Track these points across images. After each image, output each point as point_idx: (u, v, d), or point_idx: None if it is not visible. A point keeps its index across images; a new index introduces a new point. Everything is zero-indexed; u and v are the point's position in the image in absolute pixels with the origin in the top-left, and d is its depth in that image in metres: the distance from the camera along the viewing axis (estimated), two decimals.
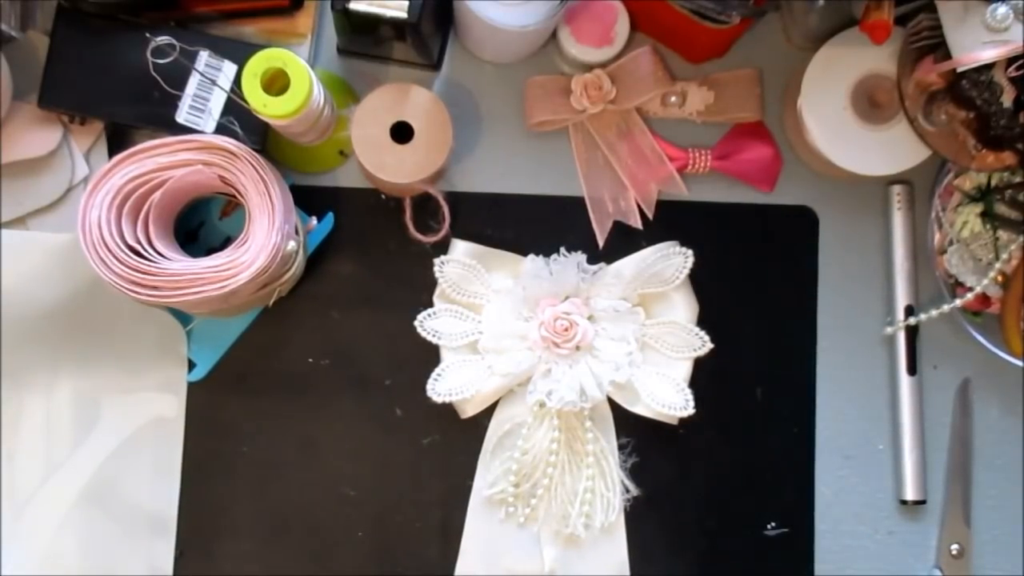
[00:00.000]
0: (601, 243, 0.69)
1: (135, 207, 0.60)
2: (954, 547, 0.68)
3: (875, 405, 0.70)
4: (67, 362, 0.66)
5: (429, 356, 0.67)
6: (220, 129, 0.63)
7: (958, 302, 0.67)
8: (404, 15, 0.59)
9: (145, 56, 0.58)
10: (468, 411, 0.67)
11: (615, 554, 0.67)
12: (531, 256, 0.67)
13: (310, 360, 0.68)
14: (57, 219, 0.66)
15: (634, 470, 0.67)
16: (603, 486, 0.66)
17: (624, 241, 0.69)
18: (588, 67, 0.67)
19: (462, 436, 0.68)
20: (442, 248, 0.67)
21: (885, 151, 0.66)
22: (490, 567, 0.67)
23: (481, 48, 0.68)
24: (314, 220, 0.67)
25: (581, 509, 0.66)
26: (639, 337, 0.67)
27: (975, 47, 0.60)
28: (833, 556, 0.68)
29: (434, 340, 0.66)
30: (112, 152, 0.65)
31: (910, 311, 0.69)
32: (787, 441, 0.69)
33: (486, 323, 0.66)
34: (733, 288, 0.69)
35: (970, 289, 0.67)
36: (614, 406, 0.67)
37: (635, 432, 0.67)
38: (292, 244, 0.61)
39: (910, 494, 0.68)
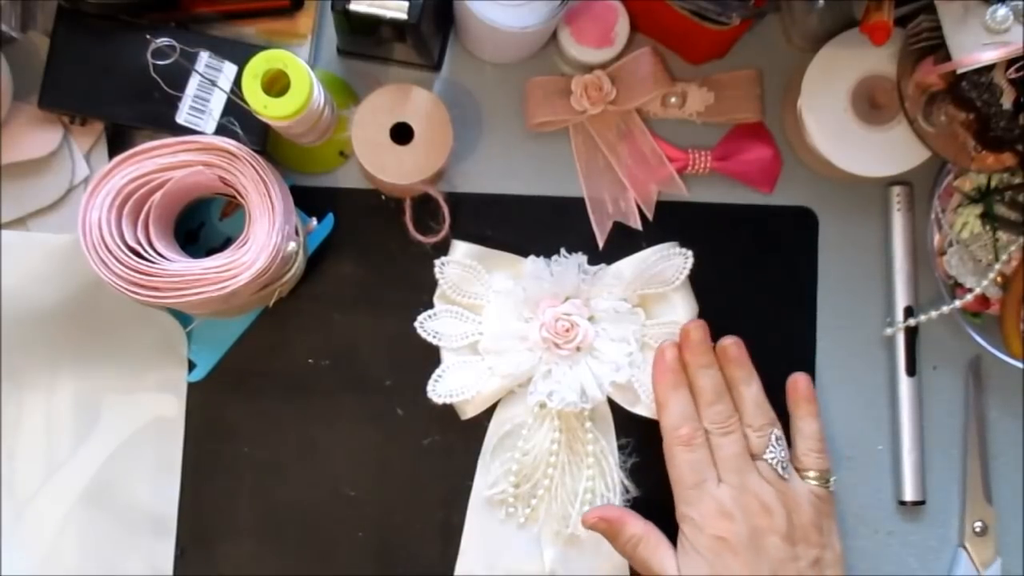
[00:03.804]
0: (601, 244, 0.69)
1: (135, 208, 0.61)
2: (977, 524, 0.69)
3: (875, 405, 0.70)
4: (67, 362, 0.67)
5: (429, 357, 0.67)
6: (220, 130, 0.63)
7: (958, 303, 0.67)
8: (404, 16, 0.59)
9: (145, 57, 0.58)
10: (468, 412, 0.67)
11: (615, 554, 0.67)
12: (532, 257, 0.67)
13: (310, 361, 0.68)
14: (58, 220, 0.66)
15: (634, 470, 0.67)
16: (603, 486, 0.66)
17: (624, 242, 0.69)
18: (588, 68, 0.67)
19: (462, 437, 0.68)
20: (442, 249, 0.67)
21: (885, 152, 0.66)
22: (490, 567, 0.67)
23: (481, 49, 0.68)
24: (314, 221, 0.67)
25: (581, 509, 0.66)
26: (639, 338, 0.67)
27: (975, 48, 0.60)
28: None
29: (434, 341, 0.66)
30: (112, 153, 0.65)
31: (910, 312, 0.69)
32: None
33: (486, 324, 0.66)
34: (733, 289, 0.69)
35: (970, 290, 0.67)
36: (614, 407, 0.67)
37: (635, 432, 0.67)
38: (292, 245, 0.61)
39: (909, 495, 0.68)
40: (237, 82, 0.63)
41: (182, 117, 0.63)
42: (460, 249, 0.67)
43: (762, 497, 0.60)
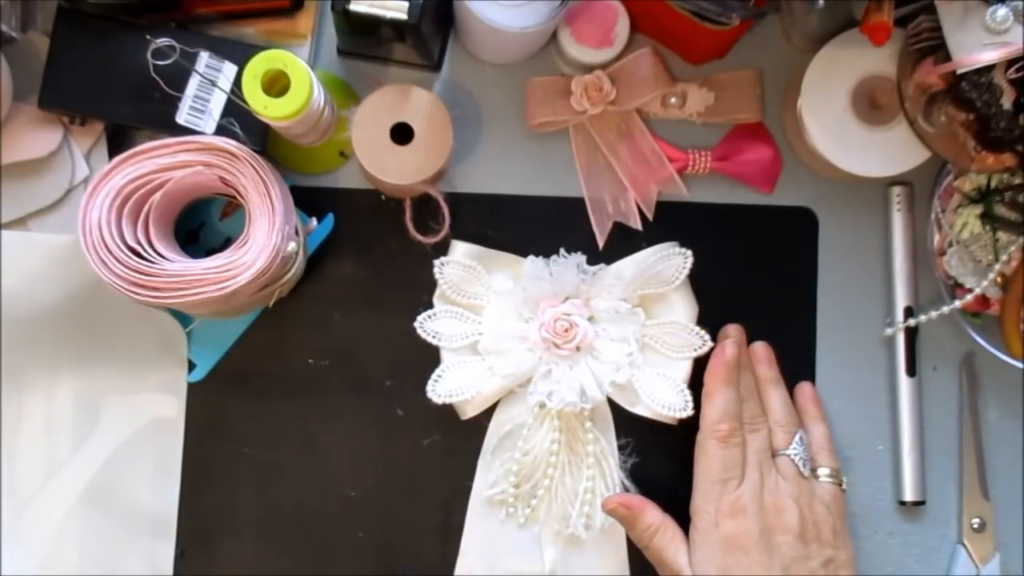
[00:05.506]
0: (601, 244, 0.69)
1: (135, 208, 0.61)
2: (975, 521, 0.69)
3: (875, 406, 0.70)
4: (67, 363, 0.67)
5: (429, 357, 0.67)
6: (220, 130, 0.63)
7: (958, 303, 0.67)
8: (404, 16, 0.59)
9: (145, 57, 0.58)
10: (468, 412, 0.67)
11: (615, 554, 0.67)
12: (531, 257, 0.67)
13: (310, 361, 0.68)
14: (58, 220, 0.66)
15: (634, 470, 0.67)
16: (603, 486, 0.66)
17: (624, 242, 0.69)
18: (588, 68, 0.67)
19: (462, 437, 0.68)
20: (442, 249, 0.67)
21: (885, 152, 0.66)
22: (490, 567, 0.67)
23: (481, 49, 0.68)
24: (314, 221, 0.67)
25: (582, 510, 0.66)
26: (639, 338, 0.67)
27: (975, 49, 0.60)
28: None
29: (434, 341, 0.66)
30: (112, 153, 0.65)
31: (910, 312, 0.69)
32: None
33: (486, 324, 0.66)
34: (733, 289, 0.69)
35: (970, 290, 0.67)
36: (614, 407, 0.67)
37: (635, 432, 0.67)
38: (292, 245, 0.61)
39: (909, 495, 0.68)
40: (237, 82, 0.63)
41: (182, 117, 0.63)
42: (460, 249, 0.67)
43: (778, 495, 0.61)
